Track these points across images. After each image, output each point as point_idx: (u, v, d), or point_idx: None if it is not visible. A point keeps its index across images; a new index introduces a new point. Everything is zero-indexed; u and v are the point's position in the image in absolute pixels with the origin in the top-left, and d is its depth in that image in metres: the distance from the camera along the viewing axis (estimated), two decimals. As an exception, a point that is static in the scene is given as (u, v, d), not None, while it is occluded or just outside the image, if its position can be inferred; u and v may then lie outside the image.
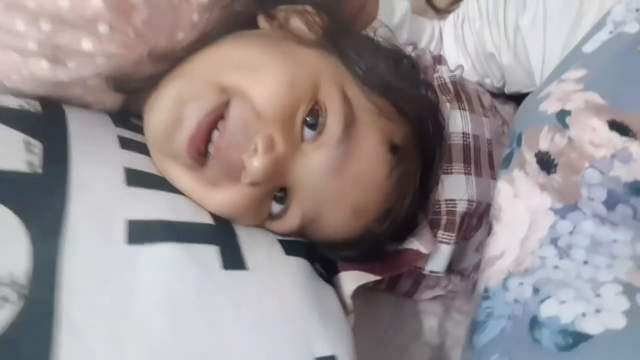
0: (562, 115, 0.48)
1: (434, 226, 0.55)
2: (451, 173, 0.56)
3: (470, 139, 0.58)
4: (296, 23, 0.49)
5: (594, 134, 0.45)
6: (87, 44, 0.39)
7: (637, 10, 0.53)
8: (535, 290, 0.42)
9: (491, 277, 0.48)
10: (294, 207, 0.44)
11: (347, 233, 0.47)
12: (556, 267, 0.43)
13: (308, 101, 0.42)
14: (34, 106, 0.41)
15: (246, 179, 0.41)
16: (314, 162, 0.42)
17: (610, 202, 0.43)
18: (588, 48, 0.54)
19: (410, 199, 0.47)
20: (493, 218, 0.53)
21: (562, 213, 0.46)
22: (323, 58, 0.46)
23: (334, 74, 0.45)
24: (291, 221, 0.45)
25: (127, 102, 0.48)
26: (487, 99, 0.65)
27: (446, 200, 0.55)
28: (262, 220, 0.45)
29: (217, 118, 0.41)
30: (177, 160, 0.42)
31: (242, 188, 0.42)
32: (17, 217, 0.33)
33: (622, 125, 0.44)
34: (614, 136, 0.44)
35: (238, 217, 0.44)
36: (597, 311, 0.38)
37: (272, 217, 0.45)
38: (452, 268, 0.61)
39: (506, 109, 0.77)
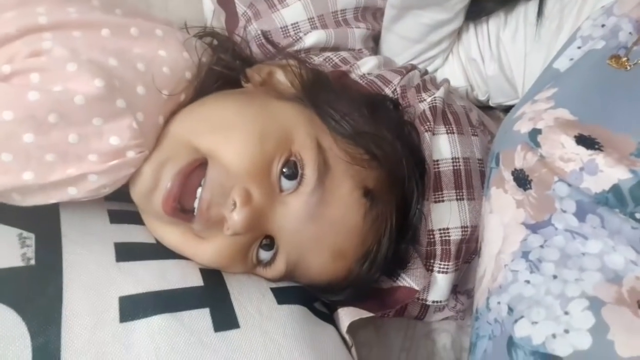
0: (534, 134, 0.48)
1: (430, 256, 0.55)
2: (442, 201, 0.56)
3: (461, 163, 0.58)
4: (279, 77, 0.53)
5: (563, 150, 0.46)
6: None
7: (602, 26, 0.54)
8: (510, 310, 0.43)
9: (480, 297, 0.49)
10: (280, 253, 0.47)
11: (330, 276, 0.49)
12: (527, 281, 0.44)
13: (281, 153, 0.45)
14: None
15: (228, 231, 0.44)
16: (292, 210, 0.45)
17: (580, 214, 0.43)
18: (559, 64, 0.55)
19: (388, 239, 0.49)
20: (480, 238, 0.53)
21: (533, 228, 0.46)
22: (299, 111, 0.49)
23: (308, 126, 0.48)
24: (278, 267, 0.48)
25: None
26: (474, 115, 0.64)
27: (440, 229, 0.55)
28: (252, 268, 0.48)
29: (192, 175, 0.44)
30: (162, 219, 0.45)
31: (226, 238, 0.45)
32: (15, 312, 0.36)
33: (589, 139, 0.45)
34: (581, 150, 0.45)
35: (227, 266, 0.47)
36: (566, 331, 0.39)
37: (262, 264, 0.48)
38: (457, 290, 0.62)
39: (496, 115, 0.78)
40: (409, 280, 0.52)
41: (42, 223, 0.43)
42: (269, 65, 0.55)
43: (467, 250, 0.57)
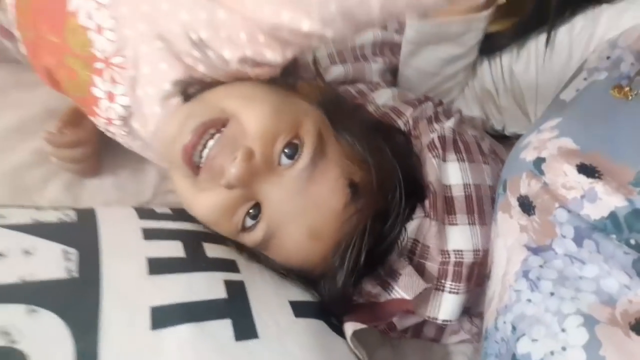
0: (539, 163, 0.51)
1: (442, 276, 0.58)
2: (456, 224, 0.59)
3: (472, 190, 0.61)
4: (304, 88, 0.60)
5: (565, 178, 0.49)
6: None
7: (607, 58, 0.57)
8: (514, 329, 0.46)
9: (489, 318, 0.51)
10: (262, 221, 0.52)
11: (303, 255, 0.53)
12: (529, 300, 0.46)
13: (289, 132, 0.51)
14: (71, 216, 0.50)
15: (222, 181, 0.49)
16: (283, 180, 0.51)
17: (578, 239, 0.46)
18: (565, 95, 0.58)
19: (360, 238, 0.52)
20: (490, 262, 0.56)
21: (534, 251, 0.49)
22: (313, 109, 0.55)
23: (317, 120, 0.54)
24: (257, 233, 0.52)
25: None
26: (486, 144, 0.68)
27: (454, 250, 0.58)
28: (237, 232, 0.53)
29: (210, 131, 0.50)
30: (179, 169, 0.52)
31: (221, 192, 0.50)
32: (60, 319, 0.40)
33: (590, 168, 0.48)
34: (582, 178, 0.47)
35: (216, 222, 0.53)
36: (563, 349, 0.41)
37: (245, 229, 0.53)
38: (472, 313, 0.64)
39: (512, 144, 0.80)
40: (400, 292, 0.55)
41: (84, 240, 0.47)
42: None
43: (480, 274, 0.59)
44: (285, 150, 0.51)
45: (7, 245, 0.44)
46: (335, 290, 0.53)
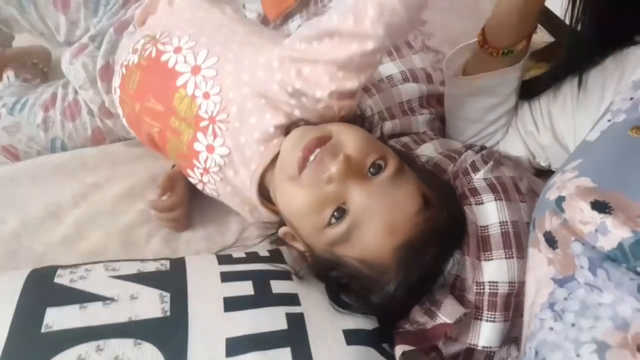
0: (559, 201, 0.57)
1: (479, 306, 0.64)
2: (492, 259, 0.65)
3: (509, 226, 0.67)
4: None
5: (582, 214, 0.54)
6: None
7: (631, 99, 0.61)
8: (536, 353, 0.51)
9: (521, 344, 0.57)
10: (346, 218, 0.62)
11: (377, 248, 0.61)
12: (551, 328, 0.51)
13: (376, 153, 0.64)
14: (166, 265, 0.63)
15: (325, 174, 0.61)
16: (369, 184, 0.62)
17: (592, 268, 0.51)
18: (590, 137, 0.63)
19: (427, 242, 0.61)
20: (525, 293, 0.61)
21: (560, 282, 0.53)
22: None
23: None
24: (341, 228, 0.62)
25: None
26: (524, 184, 0.72)
27: (489, 282, 0.64)
28: (322, 227, 0.63)
29: (317, 145, 0.63)
30: (286, 174, 0.65)
31: (316, 189, 0.62)
32: (158, 349, 0.52)
33: (603, 204, 0.53)
34: (595, 214, 0.52)
35: (307, 214, 0.64)
36: (576, 371, 0.46)
37: (330, 224, 0.63)
38: (519, 341, 0.68)
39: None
40: (443, 317, 0.61)
41: (175, 285, 0.60)
42: None
43: (518, 304, 0.64)
44: (371, 169, 0.63)
45: (119, 292, 0.57)
46: (390, 293, 0.61)
